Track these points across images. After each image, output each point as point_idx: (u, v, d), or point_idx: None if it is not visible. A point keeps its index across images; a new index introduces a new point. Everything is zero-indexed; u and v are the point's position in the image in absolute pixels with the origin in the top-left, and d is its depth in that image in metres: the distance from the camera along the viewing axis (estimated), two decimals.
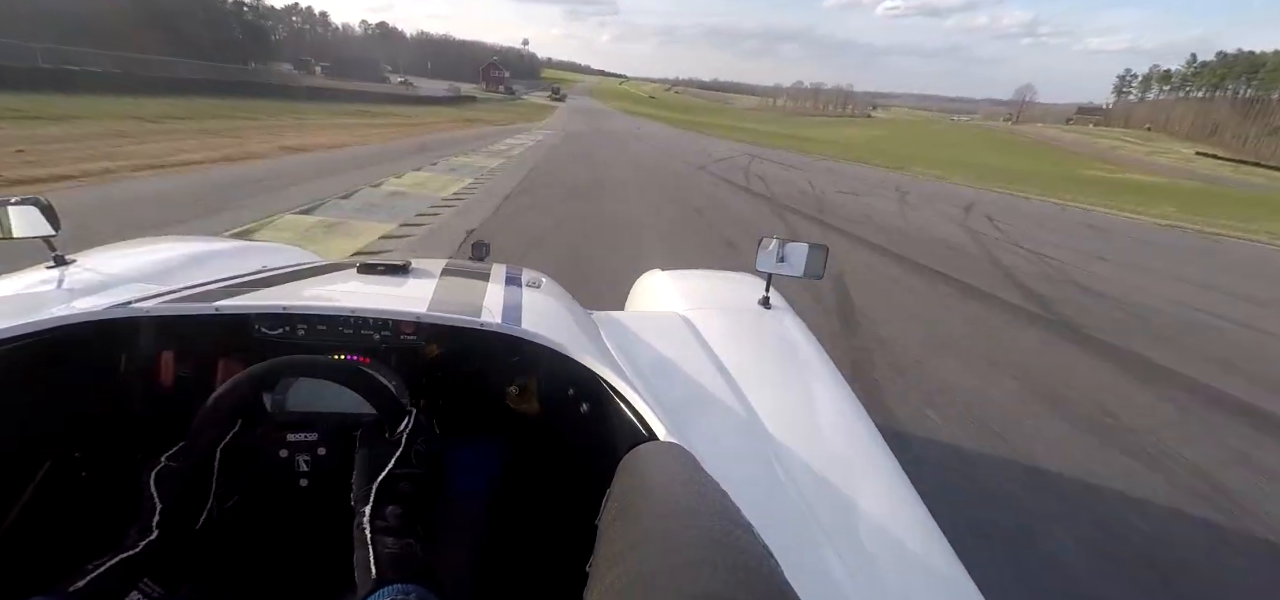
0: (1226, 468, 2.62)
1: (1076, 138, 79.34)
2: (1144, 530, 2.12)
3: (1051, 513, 2.16)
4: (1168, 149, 67.75)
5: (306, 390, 0.80)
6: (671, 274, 1.79)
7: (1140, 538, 2.08)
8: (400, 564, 0.54)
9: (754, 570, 0.34)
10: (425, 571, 0.54)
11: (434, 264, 1.20)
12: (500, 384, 0.96)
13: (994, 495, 2.22)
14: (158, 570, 0.58)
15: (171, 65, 23.93)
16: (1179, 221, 13.71)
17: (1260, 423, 3.18)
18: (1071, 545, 1.98)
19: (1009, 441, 2.62)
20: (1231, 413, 3.27)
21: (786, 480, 0.80)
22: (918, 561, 0.73)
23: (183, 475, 0.64)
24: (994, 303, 4.99)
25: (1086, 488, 2.34)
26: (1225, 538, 2.15)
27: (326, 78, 50.35)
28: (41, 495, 0.75)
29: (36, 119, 10.00)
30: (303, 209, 5.86)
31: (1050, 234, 9.37)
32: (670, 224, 7.22)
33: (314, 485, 0.75)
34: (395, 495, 0.62)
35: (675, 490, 0.46)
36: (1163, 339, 4.46)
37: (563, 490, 0.86)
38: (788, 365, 1.24)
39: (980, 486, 2.27)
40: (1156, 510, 2.25)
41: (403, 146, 12.90)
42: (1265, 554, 2.10)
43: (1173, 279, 6.91)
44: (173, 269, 1.26)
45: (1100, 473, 2.45)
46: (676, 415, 0.79)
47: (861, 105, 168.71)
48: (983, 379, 3.33)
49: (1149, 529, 2.13)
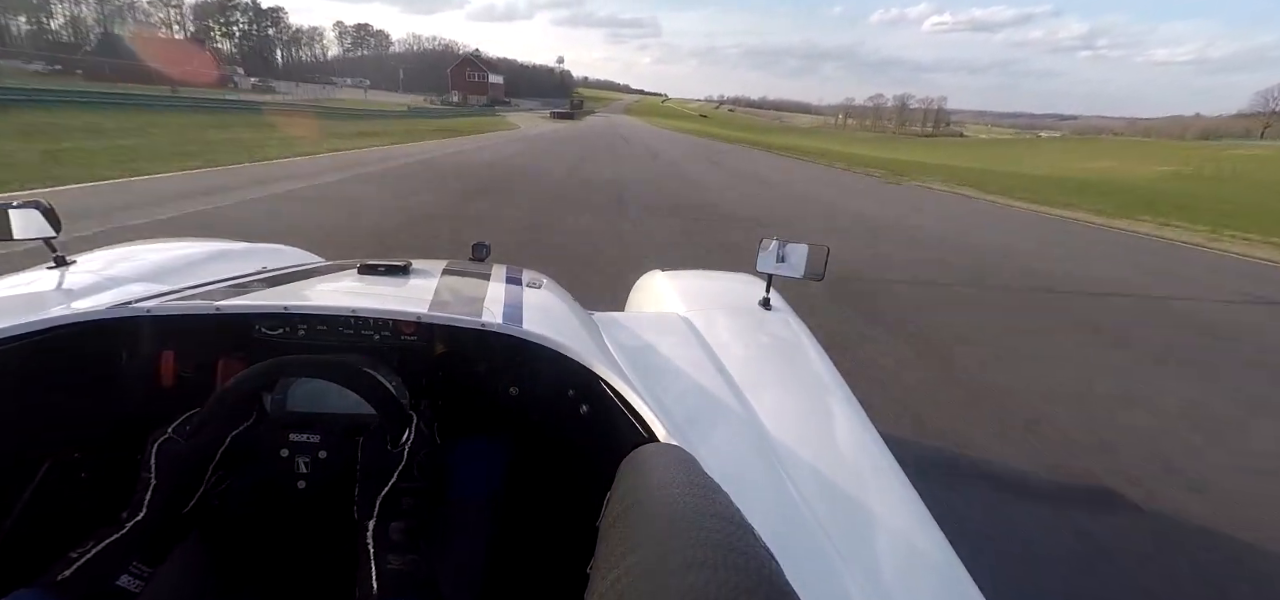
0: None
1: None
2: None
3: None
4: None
5: (306, 391, 0.80)
6: (671, 274, 1.80)
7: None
8: (404, 581, 0.55)
9: (755, 572, 0.34)
10: (428, 587, 0.56)
11: (435, 264, 1.20)
12: (500, 385, 0.95)
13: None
14: (143, 551, 0.58)
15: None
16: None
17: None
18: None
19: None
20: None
21: (787, 482, 0.79)
22: (918, 563, 0.72)
23: (184, 455, 0.64)
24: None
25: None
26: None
27: (257, 92, 45.40)
28: (41, 495, 0.76)
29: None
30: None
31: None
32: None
33: (311, 488, 0.75)
34: (398, 510, 0.62)
35: (676, 492, 0.44)
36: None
37: (563, 491, 0.87)
38: (788, 367, 1.22)
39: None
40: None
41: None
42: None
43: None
44: (173, 269, 1.27)
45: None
46: (677, 416, 0.81)
47: (936, 121, 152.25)
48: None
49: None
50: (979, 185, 17.00)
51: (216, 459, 0.67)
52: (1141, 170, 36.48)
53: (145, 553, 0.59)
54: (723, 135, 46.26)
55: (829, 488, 0.79)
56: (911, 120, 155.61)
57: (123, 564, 0.56)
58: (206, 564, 0.77)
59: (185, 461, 0.64)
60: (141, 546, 0.58)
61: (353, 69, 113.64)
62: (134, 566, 0.57)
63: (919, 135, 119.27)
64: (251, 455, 0.73)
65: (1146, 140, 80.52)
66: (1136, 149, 58.78)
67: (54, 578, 0.52)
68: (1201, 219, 11.89)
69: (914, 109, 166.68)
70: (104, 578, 0.55)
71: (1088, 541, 1.94)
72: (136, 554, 0.58)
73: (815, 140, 59.54)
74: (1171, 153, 51.74)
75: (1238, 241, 9.58)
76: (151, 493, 0.60)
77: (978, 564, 0.71)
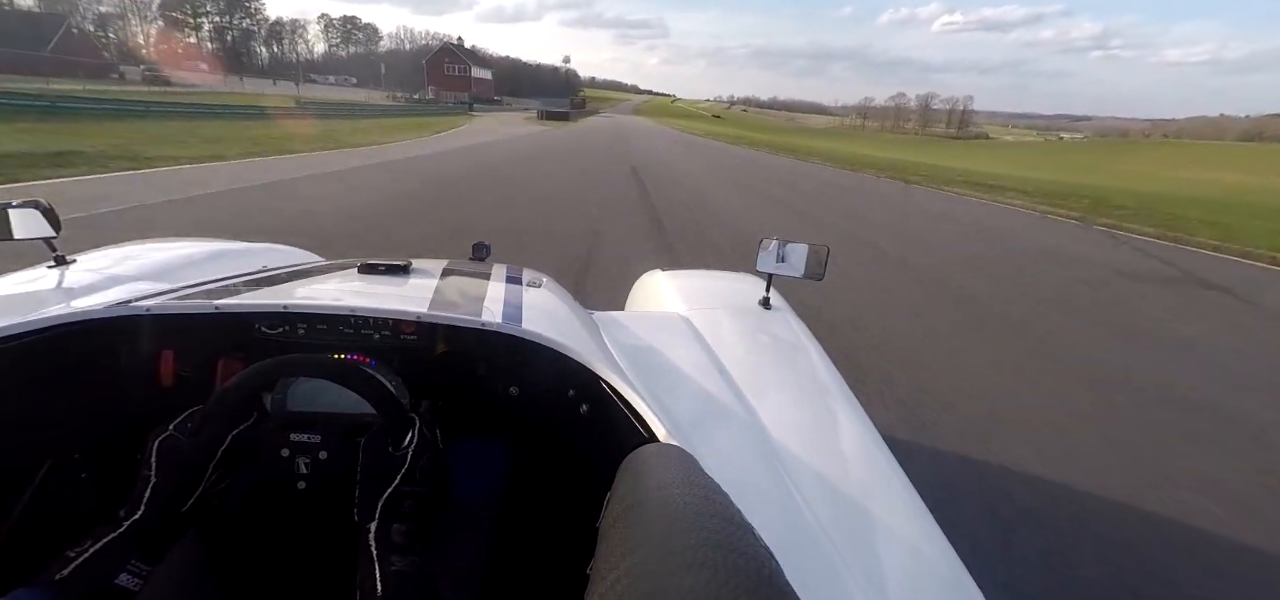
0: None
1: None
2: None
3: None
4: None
5: (307, 390, 0.80)
6: (672, 274, 1.79)
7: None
8: (406, 582, 0.55)
9: (755, 572, 0.34)
10: (430, 590, 0.56)
11: (435, 264, 1.20)
12: (501, 384, 0.94)
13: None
14: (142, 550, 0.58)
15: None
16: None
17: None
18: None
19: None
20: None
21: (787, 482, 0.78)
22: (919, 563, 0.71)
23: (185, 453, 0.64)
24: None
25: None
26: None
27: (147, 82, 38.06)
28: (41, 495, 0.76)
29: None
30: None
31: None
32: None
33: (311, 489, 0.74)
34: (400, 513, 0.62)
35: (676, 492, 0.44)
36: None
37: (563, 492, 0.87)
38: (788, 366, 1.22)
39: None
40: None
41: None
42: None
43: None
44: (173, 269, 1.26)
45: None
46: (677, 416, 0.80)
47: (960, 122, 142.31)
48: None
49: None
50: (1119, 213, 11.00)
51: (217, 458, 0.67)
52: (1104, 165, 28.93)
53: (143, 551, 0.59)
54: (745, 139, 37.46)
55: (830, 489, 0.79)
56: (933, 121, 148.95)
57: (121, 563, 0.57)
58: (205, 563, 0.77)
59: (186, 460, 0.64)
60: (140, 545, 0.58)
61: (341, 67, 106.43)
62: (132, 565, 0.58)
63: (945, 137, 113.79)
64: (252, 455, 0.72)
65: (1252, 146, 65.32)
66: (1254, 157, 47.23)
67: (52, 577, 0.52)
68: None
69: (937, 109, 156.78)
70: (102, 577, 0.55)
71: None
72: (135, 553, 0.58)
73: (841, 143, 50.57)
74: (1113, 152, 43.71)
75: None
76: (151, 491, 0.60)
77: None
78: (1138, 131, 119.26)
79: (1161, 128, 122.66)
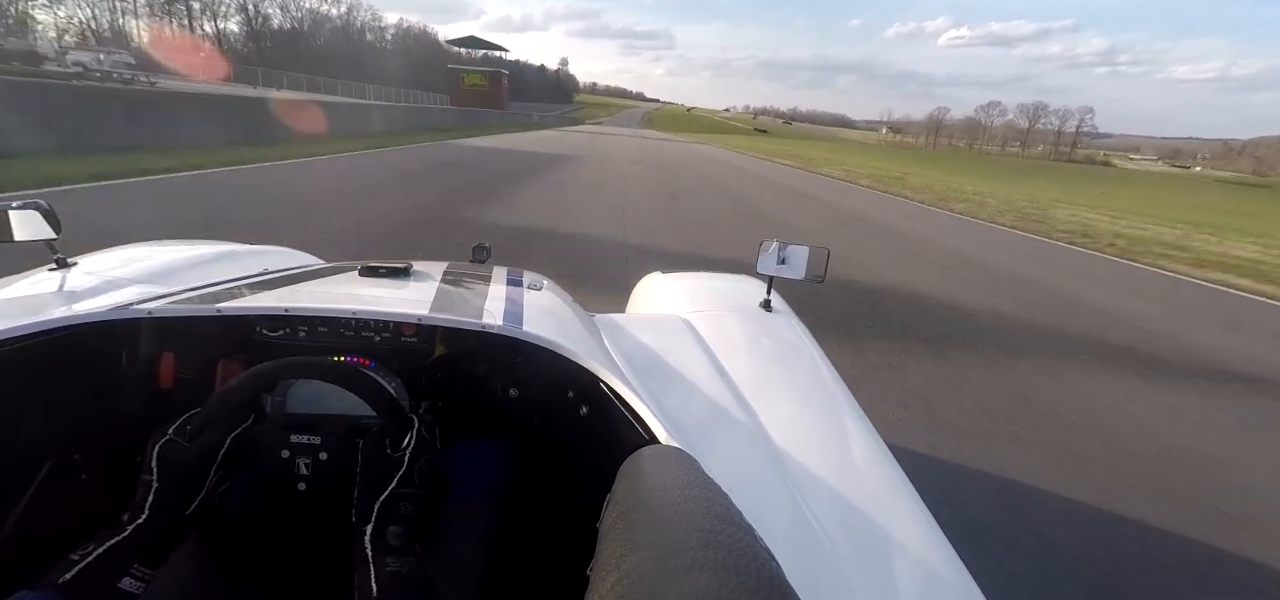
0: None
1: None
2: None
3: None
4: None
5: (307, 392, 0.80)
6: (672, 276, 1.79)
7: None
8: (402, 584, 0.55)
9: (756, 573, 0.34)
10: (426, 591, 0.56)
11: (435, 266, 1.20)
12: (501, 386, 0.94)
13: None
14: (145, 553, 0.58)
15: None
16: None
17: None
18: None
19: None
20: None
21: (789, 484, 0.78)
22: (920, 565, 0.71)
23: (185, 456, 0.64)
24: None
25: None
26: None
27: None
28: (42, 496, 0.76)
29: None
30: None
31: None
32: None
33: (311, 490, 0.75)
34: (397, 515, 0.62)
35: (676, 493, 0.45)
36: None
37: (563, 494, 0.87)
38: (789, 368, 1.22)
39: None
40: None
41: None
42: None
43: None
44: (174, 271, 1.26)
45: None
46: (678, 418, 0.80)
47: (1073, 142, 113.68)
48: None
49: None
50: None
51: (217, 460, 0.67)
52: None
53: (146, 555, 0.59)
54: (850, 170, 22.72)
55: (831, 492, 0.79)
56: (1033, 139, 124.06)
57: (124, 566, 0.56)
58: (207, 565, 0.77)
59: (186, 463, 0.64)
60: (143, 548, 0.58)
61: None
62: (135, 569, 0.57)
63: (1046, 158, 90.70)
64: (252, 456, 0.73)
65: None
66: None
67: (55, 580, 0.52)
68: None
69: (1042, 128, 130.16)
70: (105, 580, 0.55)
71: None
72: (138, 556, 0.58)
73: (927, 168, 32.15)
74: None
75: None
76: (153, 494, 0.60)
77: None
78: (1198, 152, 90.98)
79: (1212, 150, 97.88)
